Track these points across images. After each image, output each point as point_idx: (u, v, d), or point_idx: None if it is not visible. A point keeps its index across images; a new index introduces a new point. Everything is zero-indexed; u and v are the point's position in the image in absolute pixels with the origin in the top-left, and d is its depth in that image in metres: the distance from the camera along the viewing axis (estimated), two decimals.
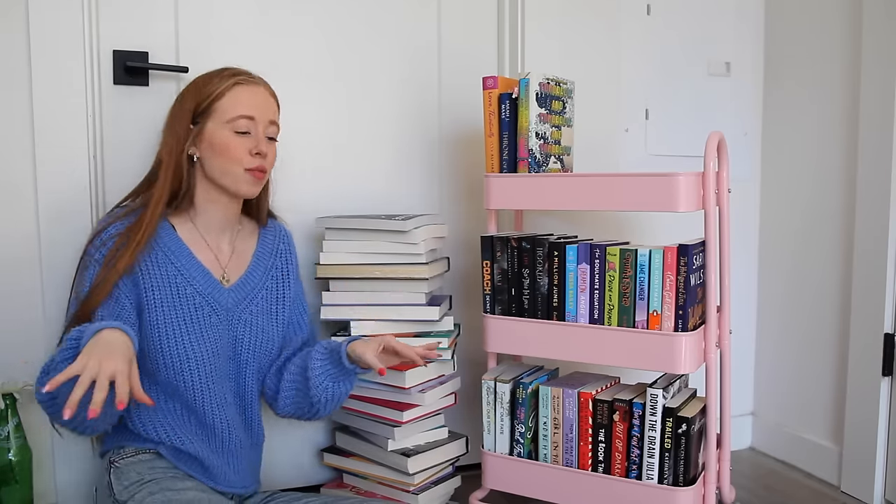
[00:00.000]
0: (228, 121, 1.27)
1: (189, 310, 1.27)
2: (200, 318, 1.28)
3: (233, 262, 1.37)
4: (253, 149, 1.28)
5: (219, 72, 1.32)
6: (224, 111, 1.27)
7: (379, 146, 1.79)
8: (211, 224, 1.34)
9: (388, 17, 1.77)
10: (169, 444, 1.27)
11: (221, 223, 1.35)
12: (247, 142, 1.28)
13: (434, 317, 1.52)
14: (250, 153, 1.28)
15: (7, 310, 1.46)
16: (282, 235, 1.46)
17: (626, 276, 1.41)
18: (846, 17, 1.81)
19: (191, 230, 1.32)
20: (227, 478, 1.33)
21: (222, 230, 1.36)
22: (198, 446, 1.28)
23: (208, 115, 1.28)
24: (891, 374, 1.69)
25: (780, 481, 1.89)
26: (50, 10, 1.44)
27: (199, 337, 1.28)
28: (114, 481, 1.24)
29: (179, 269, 1.28)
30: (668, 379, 1.49)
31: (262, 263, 1.40)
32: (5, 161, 1.45)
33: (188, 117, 1.29)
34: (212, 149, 1.28)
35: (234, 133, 1.28)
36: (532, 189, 1.50)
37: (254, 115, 1.29)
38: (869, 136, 1.71)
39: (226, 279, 1.34)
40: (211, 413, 1.29)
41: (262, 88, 1.32)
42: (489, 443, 1.59)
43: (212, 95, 1.28)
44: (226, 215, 1.35)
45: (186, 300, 1.27)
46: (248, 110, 1.28)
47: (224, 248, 1.36)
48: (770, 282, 2.07)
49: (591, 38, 1.89)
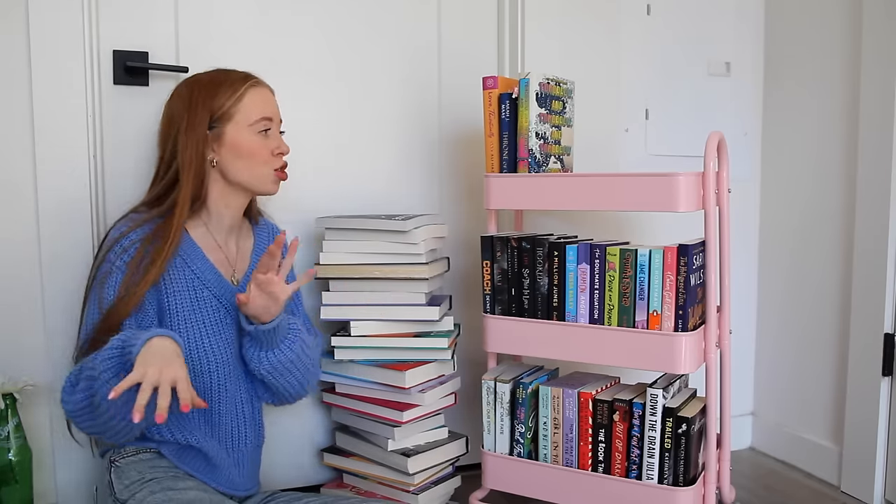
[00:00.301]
0: (252, 124, 1.30)
1: (207, 313, 1.29)
2: (217, 319, 1.30)
3: (240, 260, 1.39)
4: (276, 149, 1.33)
5: (225, 74, 1.32)
6: (246, 115, 1.30)
7: (379, 146, 1.79)
8: (222, 225, 1.36)
9: (389, 17, 1.77)
10: (175, 442, 1.27)
11: (231, 223, 1.37)
12: (269, 142, 1.32)
13: (434, 317, 1.52)
14: (273, 153, 1.33)
15: (7, 310, 1.46)
16: (275, 232, 1.49)
17: (626, 276, 1.41)
18: (846, 16, 1.81)
19: (203, 233, 1.33)
20: (232, 479, 1.33)
21: (231, 230, 1.38)
22: (207, 444, 1.29)
23: (227, 120, 1.29)
24: (891, 374, 1.69)
25: (780, 481, 1.89)
26: (50, 11, 1.44)
27: (218, 338, 1.30)
28: (114, 480, 1.24)
29: (196, 273, 1.29)
30: (668, 379, 1.49)
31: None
32: (5, 161, 1.45)
33: (205, 122, 1.28)
34: (236, 152, 1.30)
35: (258, 135, 1.31)
36: (532, 189, 1.50)
37: (272, 116, 1.33)
38: (869, 135, 1.71)
39: (234, 278, 1.36)
40: (227, 412, 1.32)
41: (268, 88, 1.36)
42: (489, 443, 1.59)
43: (232, 98, 1.29)
44: (237, 215, 1.37)
45: (204, 303, 1.29)
46: (267, 111, 1.32)
47: (232, 247, 1.38)
48: (770, 282, 2.07)
49: (591, 38, 1.89)
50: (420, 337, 1.54)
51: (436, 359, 1.54)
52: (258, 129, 1.31)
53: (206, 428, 1.30)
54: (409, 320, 1.53)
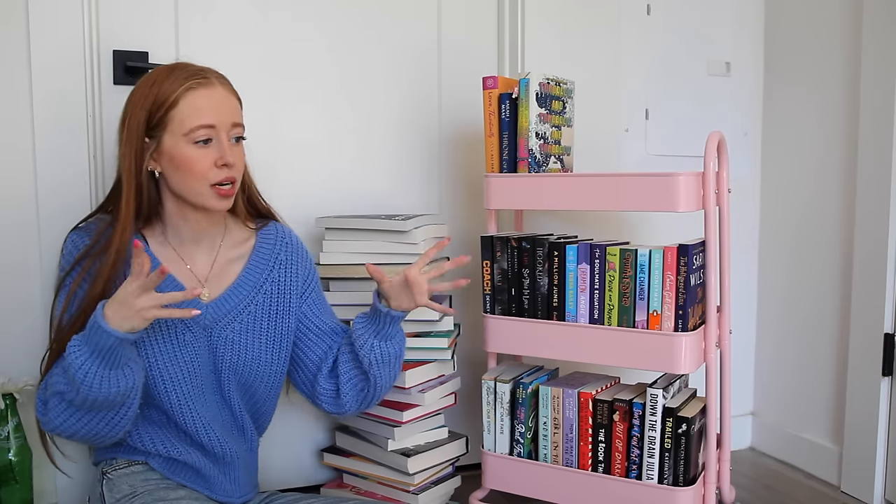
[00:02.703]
0: (186, 133, 1.15)
1: (160, 328, 1.20)
2: (172, 336, 1.20)
3: (215, 274, 1.27)
4: (218, 160, 1.16)
5: (167, 73, 1.17)
6: (180, 122, 1.14)
7: (379, 146, 1.79)
8: (183, 237, 1.25)
9: (388, 17, 1.77)
10: (162, 455, 1.24)
11: (194, 236, 1.25)
12: (210, 153, 1.16)
13: (434, 317, 1.52)
14: (216, 165, 1.16)
15: (6, 310, 1.46)
16: (283, 243, 1.34)
17: (626, 276, 1.41)
18: (846, 17, 1.81)
19: (162, 243, 1.24)
20: (225, 488, 1.30)
21: (197, 242, 1.26)
22: (193, 457, 1.26)
23: (163, 128, 1.15)
24: (891, 374, 1.69)
25: (780, 481, 1.88)
26: (50, 10, 1.44)
27: (172, 356, 1.21)
28: (106, 493, 1.22)
29: None
30: (668, 379, 1.48)
31: (254, 277, 1.30)
32: (5, 161, 1.45)
33: (142, 130, 1.16)
34: (173, 165, 1.16)
35: (195, 145, 1.15)
36: (532, 189, 1.50)
37: (214, 123, 1.16)
38: (869, 136, 1.71)
39: (205, 294, 1.25)
40: (196, 429, 1.24)
41: (218, 88, 1.18)
42: (489, 443, 1.59)
43: (164, 105, 1.15)
44: (199, 228, 1.25)
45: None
46: (206, 118, 1.15)
47: (201, 260, 1.27)
48: (770, 282, 2.07)
49: (591, 38, 1.89)
50: (420, 337, 1.54)
51: (436, 359, 1.54)
52: (194, 140, 1.15)
53: (185, 442, 1.26)
54: (409, 320, 1.53)
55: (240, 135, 1.22)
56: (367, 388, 1.33)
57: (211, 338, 1.25)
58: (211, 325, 1.25)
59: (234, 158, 1.19)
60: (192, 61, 1.22)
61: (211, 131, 1.16)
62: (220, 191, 1.18)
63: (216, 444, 1.27)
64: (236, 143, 1.22)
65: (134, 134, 1.17)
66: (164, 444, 1.24)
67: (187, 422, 1.23)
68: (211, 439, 1.26)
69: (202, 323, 1.24)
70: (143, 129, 1.16)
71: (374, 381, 1.32)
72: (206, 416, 1.26)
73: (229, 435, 1.30)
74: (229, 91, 1.21)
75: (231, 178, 1.19)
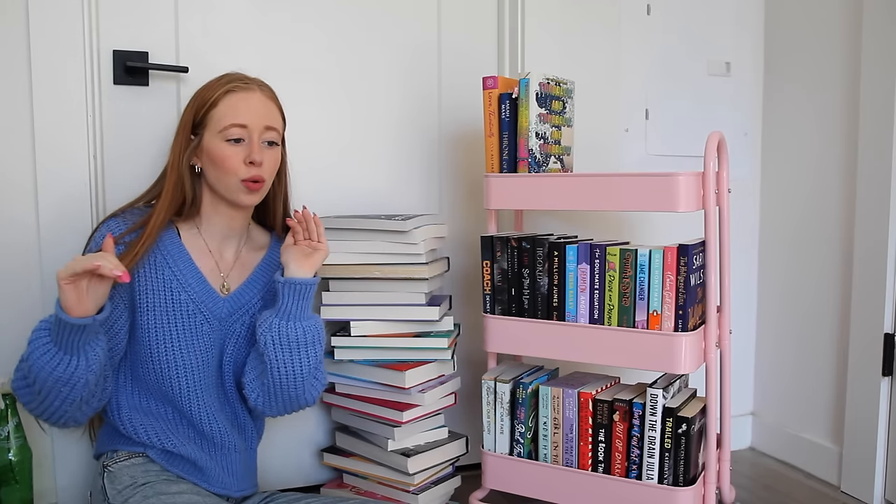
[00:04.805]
0: (221, 130, 1.25)
1: (181, 316, 1.27)
2: (192, 325, 1.28)
3: (235, 271, 1.36)
4: (247, 158, 1.25)
5: (217, 79, 1.30)
6: (217, 121, 1.26)
7: (379, 146, 1.79)
8: (215, 231, 1.33)
9: (388, 17, 1.77)
10: (160, 447, 1.26)
11: (225, 231, 1.34)
12: (241, 151, 1.26)
13: (434, 317, 1.52)
14: (244, 162, 1.25)
15: (7, 310, 1.46)
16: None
17: (626, 276, 1.41)
18: (846, 16, 1.81)
19: (195, 236, 1.32)
20: (223, 480, 1.32)
21: (226, 238, 1.35)
22: (191, 449, 1.28)
23: (205, 126, 1.27)
24: (891, 374, 1.69)
25: (780, 481, 1.89)
26: (50, 10, 1.44)
27: (189, 344, 1.27)
28: (107, 485, 1.23)
29: (176, 274, 1.27)
30: (668, 379, 1.49)
31: (263, 277, 1.38)
32: (5, 161, 1.45)
33: (189, 128, 1.28)
34: (209, 160, 1.27)
35: (227, 143, 1.25)
36: (532, 189, 1.50)
37: (246, 123, 1.26)
38: (869, 135, 1.71)
39: (225, 288, 1.33)
40: (200, 418, 1.29)
41: (257, 94, 1.28)
42: (489, 443, 1.59)
43: (206, 105, 1.26)
44: (230, 224, 1.34)
45: (179, 306, 1.27)
46: (239, 118, 1.25)
47: (227, 256, 1.35)
48: (770, 282, 2.07)
49: (591, 38, 1.89)
50: (420, 337, 1.54)
51: (436, 359, 1.54)
52: (227, 137, 1.25)
53: (184, 435, 1.29)
54: (409, 320, 1.53)
55: (273, 139, 1.30)
56: (265, 377, 1.28)
57: (223, 331, 1.32)
58: (226, 318, 1.32)
59: (263, 159, 1.27)
60: (246, 72, 1.33)
61: (243, 131, 1.26)
62: (249, 185, 1.26)
63: (219, 434, 1.31)
64: (269, 147, 1.30)
65: (181, 131, 1.29)
66: (160, 437, 1.27)
67: (193, 410, 1.29)
68: (214, 429, 1.31)
69: (218, 315, 1.31)
70: (189, 126, 1.28)
71: (269, 367, 1.26)
72: (212, 407, 1.31)
73: (232, 428, 1.35)
74: (269, 98, 1.31)
75: (257, 177, 1.27)
